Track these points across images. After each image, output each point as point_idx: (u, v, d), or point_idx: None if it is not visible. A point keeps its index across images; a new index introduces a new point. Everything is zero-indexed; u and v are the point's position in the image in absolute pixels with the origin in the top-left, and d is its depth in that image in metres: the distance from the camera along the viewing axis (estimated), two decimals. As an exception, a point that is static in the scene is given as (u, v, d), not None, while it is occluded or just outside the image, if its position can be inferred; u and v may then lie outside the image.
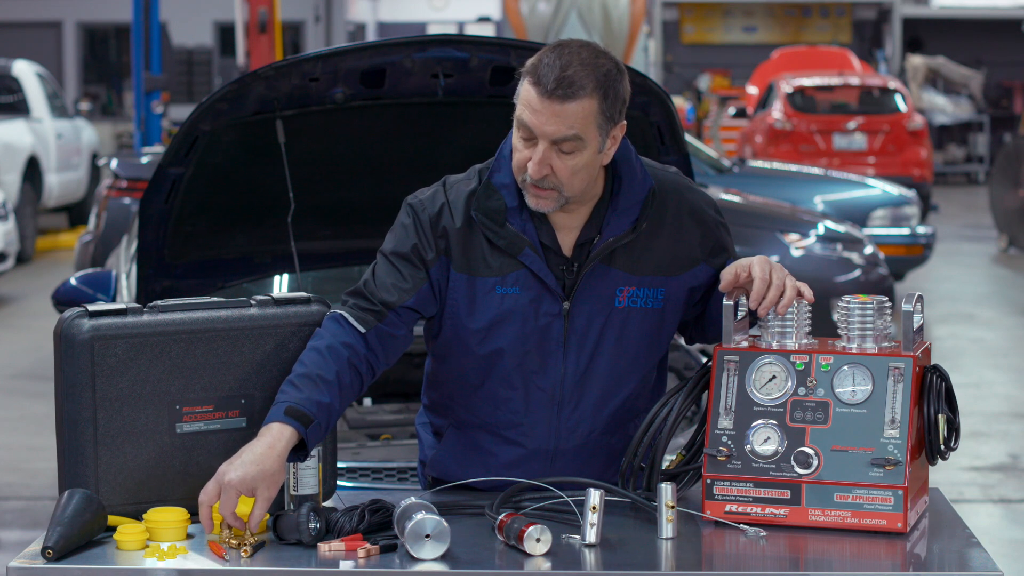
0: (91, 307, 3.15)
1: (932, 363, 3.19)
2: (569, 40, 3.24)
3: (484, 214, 3.29)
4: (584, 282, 3.31)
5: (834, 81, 19.92)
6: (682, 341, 3.61)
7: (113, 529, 3.02)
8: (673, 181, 3.40)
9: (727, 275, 3.21)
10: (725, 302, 3.20)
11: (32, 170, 16.44)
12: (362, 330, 3.25)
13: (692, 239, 3.37)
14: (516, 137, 3.23)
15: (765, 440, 3.10)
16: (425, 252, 3.30)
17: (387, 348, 3.29)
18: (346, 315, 3.26)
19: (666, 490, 3.03)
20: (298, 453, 3.12)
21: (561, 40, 3.25)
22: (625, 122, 3.26)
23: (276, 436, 3.07)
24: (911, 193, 13.08)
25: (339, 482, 3.41)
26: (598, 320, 3.33)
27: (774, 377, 3.13)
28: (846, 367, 3.11)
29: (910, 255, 12.47)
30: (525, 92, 3.19)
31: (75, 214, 18.21)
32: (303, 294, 3.32)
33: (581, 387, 3.35)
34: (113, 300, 6.23)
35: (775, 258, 5.65)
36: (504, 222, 3.28)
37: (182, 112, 17.75)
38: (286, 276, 5.35)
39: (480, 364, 3.36)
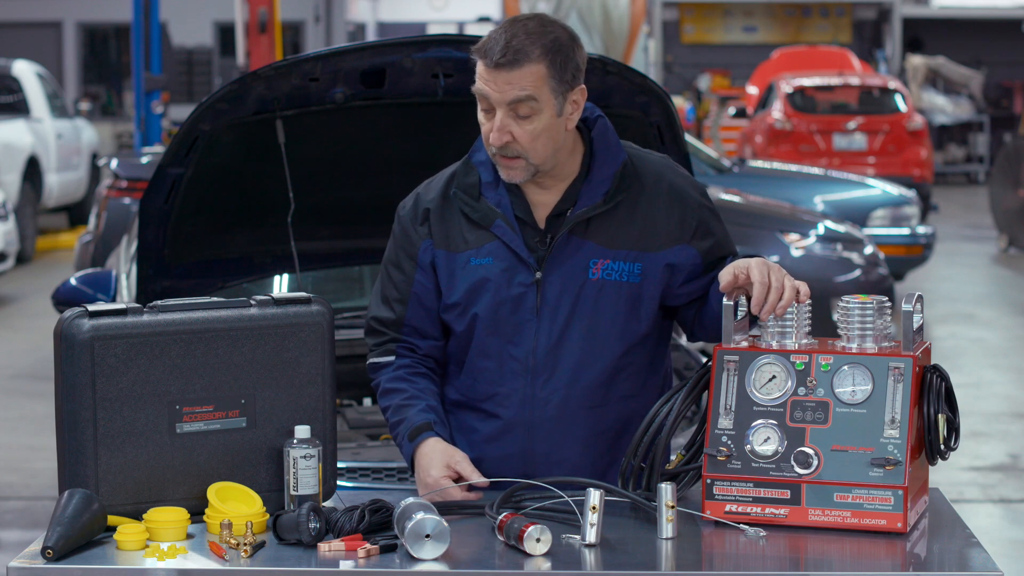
0: (91, 307, 3.15)
1: (932, 363, 3.19)
2: (519, 15, 3.33)
3: (462, 189, 3.41)
4: (556, 252, 3.38)
5: (834, 81, 19.92)
6: (683, 340, 3.61)
7: (113, 529, 3.02)
8: (656, 162, 3.48)
9: (726, 276, 3.22)
10: (725, 302, 3.20)
11: (32, 170, 16.43)
12: (391, 359, 3.48)
13: (671, 217, 3.41)
14: (479, 112, 3.33)
15: (765, 440, 3.10)
16: (412, 245, 3.44)
17: (427, 330, 3.48)
18: (375, 360, 3.51)
19: (666, 490, 3.03)
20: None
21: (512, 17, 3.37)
22: (584, 87, 3.33)
23: (428, 445, 3.36)
24: (911, 193, 13.08)
25: (339, 482, 3.41)
26: (571, 291, 3.38)
27: (774, 377, 3.13)
28: (846, 367, 3.10)
29: (910, 255, 12.47)
30: (478, 69, 3.30)
31: (75, 214, 18.19)
32: (303, 294, 3.32)
33: (554, 357, 3.40)
34: (113, 300, 6.22)
35: (775, 258, 5.64)
36: (479, 196, 3.39)
37: (182, 112, 17.75)
38: (286, 276, 5.35)
39: (460, 341, 3.46)
